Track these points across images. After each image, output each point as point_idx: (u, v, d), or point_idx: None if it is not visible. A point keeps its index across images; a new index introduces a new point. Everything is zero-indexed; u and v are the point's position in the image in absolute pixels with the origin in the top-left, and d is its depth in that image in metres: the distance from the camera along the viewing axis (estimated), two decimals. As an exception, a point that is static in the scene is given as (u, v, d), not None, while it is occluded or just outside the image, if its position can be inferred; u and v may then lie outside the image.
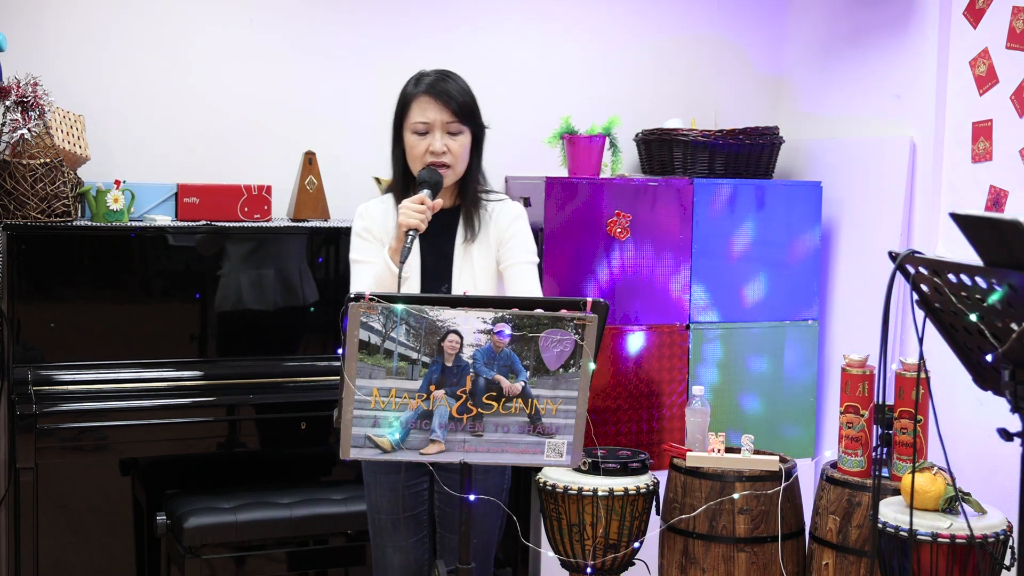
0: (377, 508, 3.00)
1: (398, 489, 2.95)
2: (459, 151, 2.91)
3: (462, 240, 2.95)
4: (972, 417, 3.63)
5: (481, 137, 2.99)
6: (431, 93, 2.90)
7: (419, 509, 3.00)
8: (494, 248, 2.97)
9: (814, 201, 4.28)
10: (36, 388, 3.53)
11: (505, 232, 2.97)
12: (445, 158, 2.89)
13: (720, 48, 4.74)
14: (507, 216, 2.99)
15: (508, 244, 2.97)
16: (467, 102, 2.93)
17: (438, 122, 2.89)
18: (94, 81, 3.95)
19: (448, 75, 2.96)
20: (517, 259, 2.96)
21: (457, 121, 2.90)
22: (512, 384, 2.42)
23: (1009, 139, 3.72)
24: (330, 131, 4.21)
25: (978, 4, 3.84)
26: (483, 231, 2.96)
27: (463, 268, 2.94)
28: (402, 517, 2.97)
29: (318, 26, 4.21)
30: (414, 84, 2.95)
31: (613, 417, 4.00)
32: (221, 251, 3.83)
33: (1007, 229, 2.15)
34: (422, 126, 2.89)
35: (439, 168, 2.89)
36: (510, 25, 4.45)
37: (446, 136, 2.90)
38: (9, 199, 3.58)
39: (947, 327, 2.46)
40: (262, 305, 3.89)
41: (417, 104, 2.91)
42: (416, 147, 2.90)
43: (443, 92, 2.90)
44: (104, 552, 3.70)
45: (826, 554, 3.39)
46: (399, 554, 2.99)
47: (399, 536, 2.98)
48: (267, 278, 3.89)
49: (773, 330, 4.24)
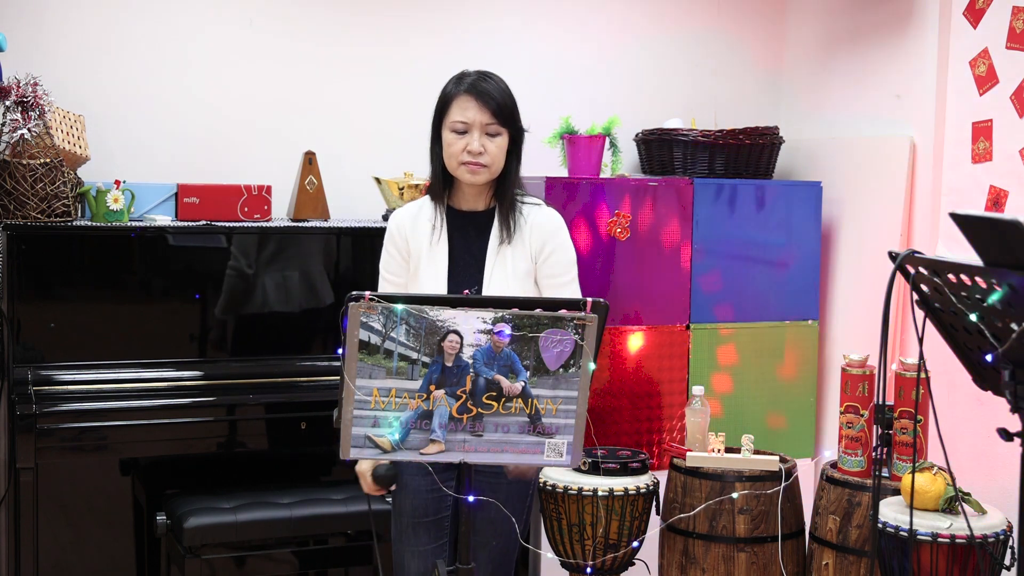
0: (400, 511, 2.98)
1: (421, 492, 2.93)
2: (496, 152, 2.90)
3: (497, 242, 2.95)
4: (972, 417, 3.63)
5: (520, 140, 2.98)
6: (472, 93, 2.90)
7: (442, 514, 2.97)
8: (529, 252, 2.96)
9: (814, 201, 4.28)
10: (36, 388, 3.53)
11: (548, 243, 2.96)
12: (482, 158, 2.89)
13: (720, 48, 4.74)
14: (550, 225, 2.98)
15: (551, 259, 2.97)
16: (507, 103, 2.93)
17: (477, 122, 2.89)
18: (94, 81, 3.95)
19: (489, 76, 2.96)
20: (561, 278, 2.98)
21: (496, 123, 2.90)
22: (512, 384, 2.42)
23: (1009, 139, 3.72)
24: (330, 131, 4.21)
25: (978, 4, 3.84)
26: (518, 234, 2.95)
27: (495, 269, 2.94)
28: (422, 522, 2.95)
29: (318, 26, 4.21)
30: (455, 83, 2.95)
31: (613, 417, 4.00)
32: (221, 251, 3.83)
33: (1007, 229, 2.15)
34: (461, 125, 2.89)
35: (473, 168, 2.89)
36: (510, 25, 4.45)
37: (484, 136, 2.89)
38: (9, 199, 3.58)
39: (947, 327, 2.46)
40: (262, 305, 3.89)
41: (457, 103, 2.90)
42: (453, 145, 2.90)
43: (484, 92, 2.90)
44: (104, 552, 3.70)
45: (826, 554, 3.39)
46: (416, 560, 2.96)
47: (418, 541, 2.95)
48: (266, 278, 3.88)
49: (773, 330, 4.24)
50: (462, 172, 2.91)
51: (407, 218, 3.00)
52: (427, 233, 2.95)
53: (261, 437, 3.72)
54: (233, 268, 3.84)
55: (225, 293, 3.84)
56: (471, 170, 2.89)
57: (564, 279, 2.98)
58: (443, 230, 2.95)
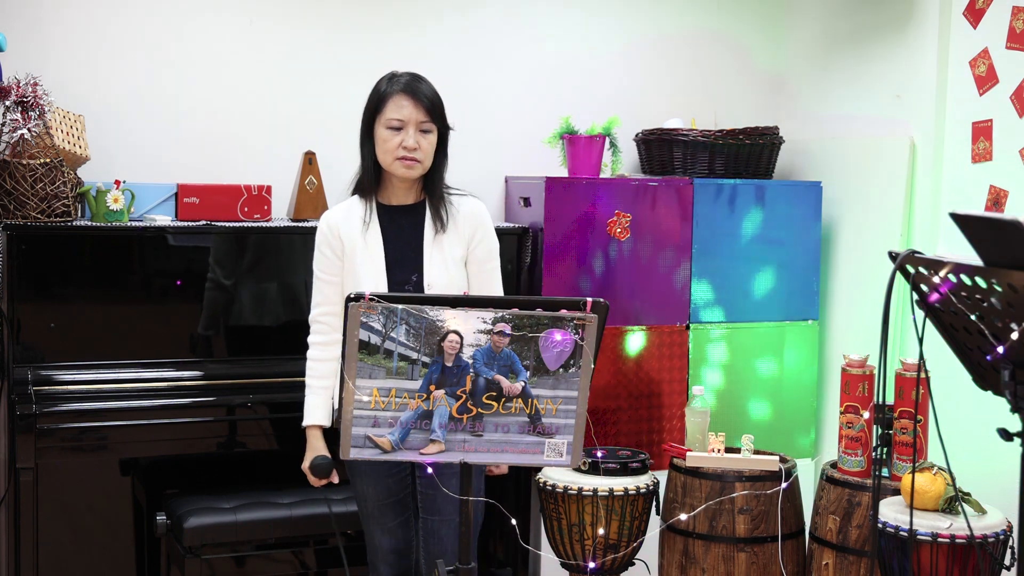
0: (363, 496, 3.17)
1: (381, 477, 3.11)
2: (428, 148, 3.08)
3: (432, 232, 3.10)
4: (972, 417, 3.63)
5: (447, 136, 3.14)
6: (407, 92, 3.07)
7: (402, 493, 3.16)
8: (463, 239, 3.13)
9: (814, 201, 4.28)
10: (36, 388, 3.53)
11: (479, 230, 3.15)
12: (416, 154, 3.05)
13: (720, 48, 4.74)
14: (480, 214, 3.18)
15: (482, 245, 3.15)
16: (438, 103, 3.11)
17: (412, 119, 3.05)
18: (94, 81, 3.95)
19: (420, 77, 3.13)
20: (489, 263, 3.17)
21: (429, 120, 3.06)
22: (512, 384, 2.42)
23: (1009, 139, 3.72)
24: (330, 131, 4.20)
25: (978, 4, 3.84)
26: (452, 223, 3.12)
27: (434, 257, 3.09)
28: (386, 503, 3.14)
29: (318, 26, 4.21)
30: (388, 82, 3.11)
31: (613, 417, 4.00)
32: (221, 251, 3.82)
33: (1007, 229, 2.15)
34: (397, 122, 3.05)
35: (408, 163, 3.05)
36: (510, 25, 4.45)
37: (418, 133, 3.05)
38: (9, 199, 3.58)
39: (947, 327, 2.46)
40: (262, 305, 3.88)
41: (393, 101, 3.06)
42: (389, 141, 3.05)
43: (418, 92, 3.07)
44: (104, 552, 3.70)
45: (826, 554, 3.39)
46: (387, 536, 3.17)
47: (386, 519, 3.15)
48: (267, 278, 3.88)
49: (773, 330, 4.24)
50: (397, 167, 3.07)
51: (338, 218, 3.15)
52: (359, 229, 3.10)
53: (261, 437, 3.72)
54: (232, 268, 3.83)
55: (225, 293, 3.83)
56: (406, 165, 3.06)
57: (491, 264, 3.18)
58: (375, 224, 3.10)
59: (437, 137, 3.10)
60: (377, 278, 3.06)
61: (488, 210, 3.23)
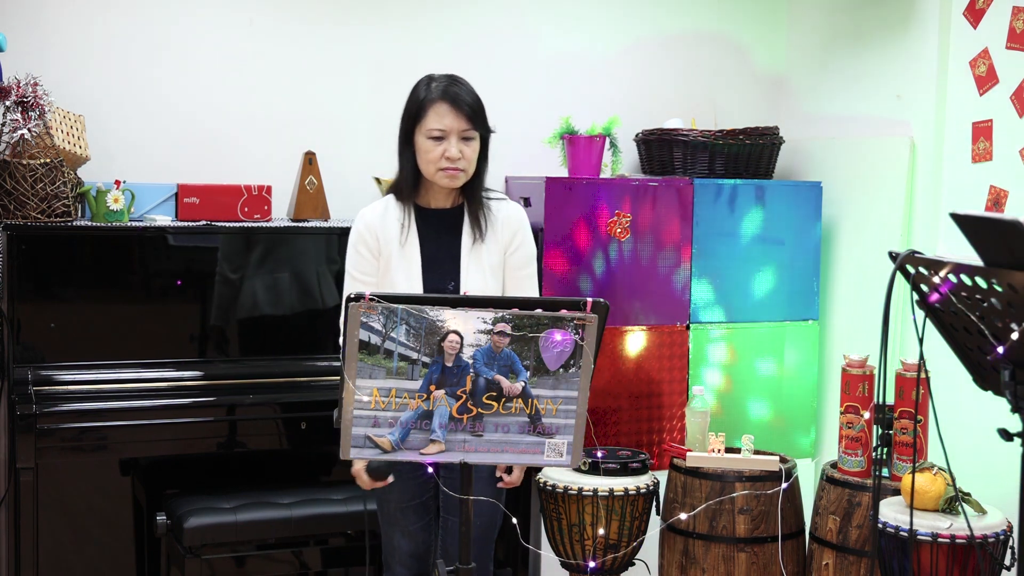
0: (386, 498, 3.09)
1: (406, 479, 3.04)
2: (472, 156, 3.00)
3: (471, 240, 3.03)
4: (972, 417, 3.63)
5: (488, 141, 3.06)
6: (447, 99, 2.96)
7: (426, 496, 3.11)
8: (501, 246, 3.06)
9: (814, 201, 4.28)
10: (36, 388, 3.53)
11: (517, 236, 3.09)
12: (460, 163, 2.97)
13: (720, 48, 4.74)
14: (519, 220, 3.11)
15: (519, 251, 3.08)
16: (479, 108, 3.01)
17: (454, 129, 2.96)
18: (94, 81, 3.95)
19: (458, 80, 3.03)
20: (525, 270, 3.10)
21: (471, 128, 2.98)
22: (512, 384, 2.42)
23: (1009, 139, 3.72)
24: (330, 131, 4.21)
25: (978, 4, 3.85)
26: (490, 229, 3.05)
27: (471, 265, 3.02)
28: (410, 504, 3.08)
29: (318, 26, 4.21)
30: (426, 88, 3.01)
31: (613, 417, 4.00)
32: (221, 251, 3.83)
33: (1007, 229, 2.15)
34: (438, 132, 2.96)
35: (452, 172, 2.96)
36: (510, 25, 4.45)
37: (460, 142, 2.97)
38: (9, 199, 3.58)
39: (947, 327, 2.46)
40: (262, 305, 3.88)
41: (434, 110, 2.97)
42: (431, 152, 2.96)
43: (458, 98, 2.97)
44: (104, 552, 3.70)
45: (826, 554, 3.39)
46: (407, 539, 3.10)
47: (407, 522, 3.09)
48: (267, 278, 3.88)
49: (773, 330, 4.24)
50: (440, 177, 2.99)
51: (375, 217, 3.06)
52: (396, 232, 3.03)
53: (261, 437, 3.72)
54: (233, 268, 3.84)
55: (224, 293, 3.83)
56: (449, 175, 2.98)
57: (527, 271, 3.11)
58: (413, 229, 3.03)
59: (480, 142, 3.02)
60: (412, 283, 2.99)
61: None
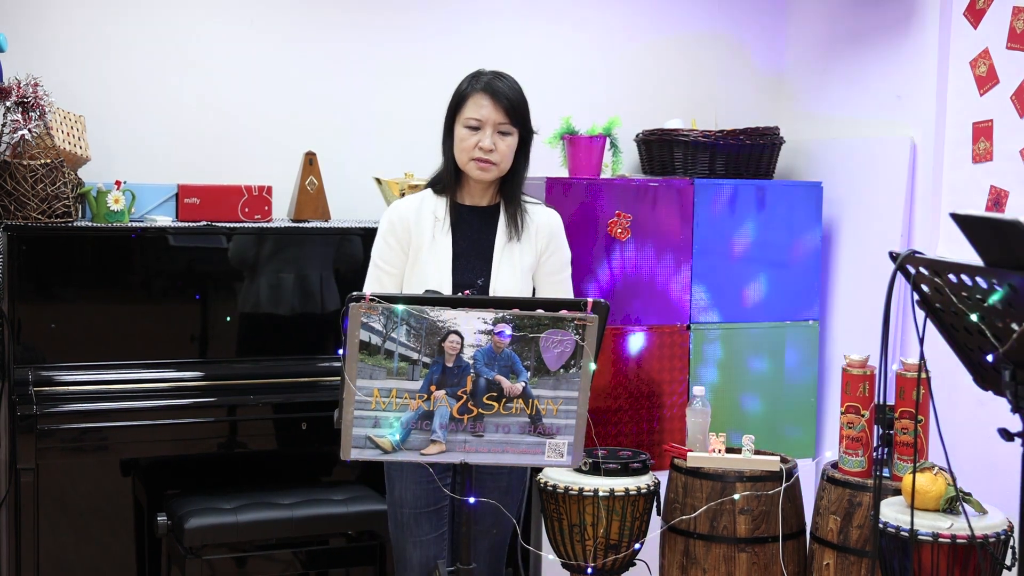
0: (400, 502, 3.02)
1: (422, 482, 2.98)
2: (506, 151, 2.99)
3: (505, 238, 3.04)
4: (972, 417, 3.63)
5: (529, 140, 3.06)
6: (487, 91, 2.98)
7: (441, 504, 3.02)
8: (535, 249, 3.07)
9: (814, 201, 4.28)
10: (37, 389, 3.53)
11: (552, 241, 3.10)
12: (492, 156, 2.97)
13: (720, 48, 4.74)
14: (555, 225, 3.12)
15: (553, 257, 3.10)
16: (520, 104, 3.02)
17: (490, 120, 2.97)
18: (94, 81, 3.95)
19: (503, 76, 3.05)
20: (559, 275, 3.13)
21: (508, 122, 2.98)
22: (513, 384, 2.42)
23: (1009, 139, 3.72)
24: (331, 131, 4.21)
25: (978, 4, 3.85)
26: (525, 231, 3.06)
27: (503, 263, 3.02)
28: (424, 512, 3.00)
29: (318, 26, 4.21)
30: (471, 81, 3.04)
31: (614, 417, 4.00)
32: (221, 252, 3.83)
33: (1007, 229, 2.15)
34: (475, 122, 2.97)
35: (483, 164, 2.97)
36: (510, 25, 4.45)
37: (496, 135, 2.97)
38: (10, 200, 3.58)
39: (948, 327, 2.46)
40: (262, 306, 3.89)
41: (473, 100, 2.99)
42: (466, 140, 2.98)
43: (498, 91, 2.99)
44: (105, 552, 3.70)
45: (827, 554, 3.39)
46: (419, 549, 3.01)
47: (420, 531, 3.01)
48: (267, 279, 3.88)
49: (774, 330, 4.24)
50: (471, 168, 2.99)
51: (410, 210, 3.05)
52: (430, 225, 3.01)
53: (262, 437, 3.71)
54: (233, 269, 3.84)
55: (224, 294, 3.83)
56: (480, 167, 2.98)
57: (561, 276, 3.13)
58: (447, 222, 3.02)
59: (518, 140, 3.02)
60: (441, 276, 2.98)
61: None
